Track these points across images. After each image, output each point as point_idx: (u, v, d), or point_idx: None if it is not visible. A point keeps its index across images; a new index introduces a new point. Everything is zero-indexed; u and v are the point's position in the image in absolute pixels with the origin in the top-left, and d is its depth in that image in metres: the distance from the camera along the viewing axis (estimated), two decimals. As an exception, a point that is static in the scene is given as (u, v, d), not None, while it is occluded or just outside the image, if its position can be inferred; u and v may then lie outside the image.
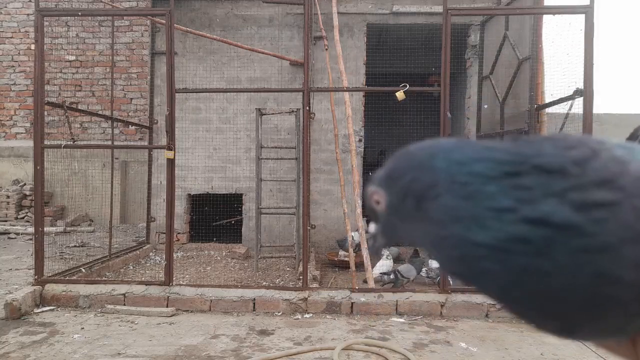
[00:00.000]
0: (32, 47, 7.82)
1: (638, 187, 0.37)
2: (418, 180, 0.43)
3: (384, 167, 0.47)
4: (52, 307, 3.94)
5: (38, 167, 4.13)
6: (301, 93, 4.46)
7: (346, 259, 5.18)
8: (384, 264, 4.83)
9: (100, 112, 7.66)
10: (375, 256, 4.76)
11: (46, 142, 4.29)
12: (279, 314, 3.92)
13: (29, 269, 5.01)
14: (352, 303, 3.96)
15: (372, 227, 0.51)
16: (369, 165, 7.68)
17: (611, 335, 0.40)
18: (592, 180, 0.37)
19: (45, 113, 4.42)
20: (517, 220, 0.37)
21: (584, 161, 0.38)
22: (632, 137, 0.55)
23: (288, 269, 5.51)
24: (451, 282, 4.02)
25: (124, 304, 3.97)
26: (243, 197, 6.53)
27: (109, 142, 6.90)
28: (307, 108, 4.24)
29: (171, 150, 4.10)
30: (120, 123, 7.91)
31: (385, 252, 4.83)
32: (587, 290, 0.37)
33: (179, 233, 6.43)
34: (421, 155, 0.44)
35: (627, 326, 0.39)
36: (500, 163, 0.39)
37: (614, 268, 0.37)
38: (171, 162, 4.15)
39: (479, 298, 3.88)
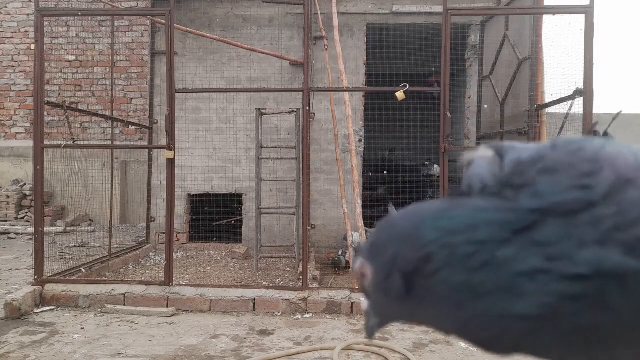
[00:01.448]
0: (32, 47, 7.82)
1: None
2: (403, 255, 0.37)
3: (369, 236, 0.42)
4: (52, 307, 3.94)
5: (38, 167, 4.13)
6: (301, 93, 4.46)
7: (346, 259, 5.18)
8: None
9: (100, 112, 7.66)
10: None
11: (46, 142, 4.29)
12: (279, 314, 3.92)
13: (29, 269, 5.01)
14: (352, 303, 3.96)
15: (363, 303, 0.44)
16: (369, 165, 7.69)
17: None
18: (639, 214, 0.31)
19: (45, 113, 4.42)
20: (556, 278, 0.31)
21: (614, 191, 0.32)
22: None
23: (288, 269, 5.51)
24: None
25: (124, 304, 3.96)
26: (243, 197, 6.53)
27: (109, 142, 6.90)
28: (307, 108, 4.24)
29: (171, 150, 4.10)
30: (120, 123, 7.91)
31: None
32: None
33: (179, 233, 6.43)
34: (404, 225, 0.39)
35: None
36: (503, 223, 0.33)
37: None
38: (171, 162, 4.15)
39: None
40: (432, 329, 0.39)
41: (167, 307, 3.92)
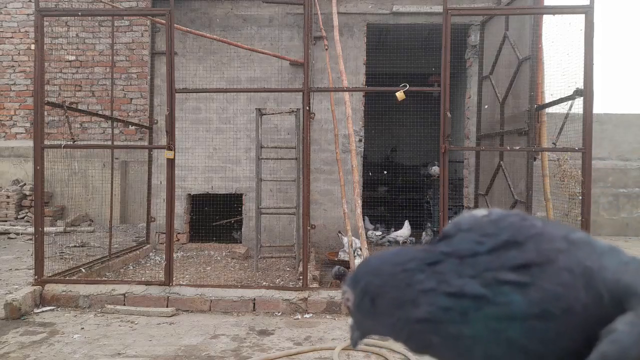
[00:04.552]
0: (32, 47, 7.81)
1: (553, 275, 0.45)
2: (371, 283, 0.54)
3: (354, 271, 0.58)
4: (52, 307, 3.94)
5: (38, 167, 4.13)
6: (301, 93, 4.46)
7: (346, 259, 5.18)
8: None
9: (100, 112, 7.66)
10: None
11: (46, 142, 4.28)
12: (279, 314, 3.92)
13: (29, 269, 5.01)
14: (352, 303, 3.95)
15: (349, 321, 0.61)
16: (369, 165, 7.69)
17: None
18: (505, 264, 0.47)
19: (45, 113, 4.42)
20: (439, 294, 0.47)
21: (497, 248, 0.48)
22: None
23: (288, 269, 5.51)
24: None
25: (124, 304, 3.96)
26: (243, 197, 6.53)
27: (109, 142, 6.89)
28: (307, 108, 4.24)
29: (171, 150, 4.10)
30: (120, 123, 7.91)
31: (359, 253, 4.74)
32: (505, 356, 0.45)
33: (179, 233, 6.43)
34: (374, 263, 0.56)
35: None
36: (422, 259, 0.51)
37: (521, 338, 0.44)
38: (171, 162, 4.14)
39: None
40: (389, 338, 0.55)
41: (167, 307, 3.92)
